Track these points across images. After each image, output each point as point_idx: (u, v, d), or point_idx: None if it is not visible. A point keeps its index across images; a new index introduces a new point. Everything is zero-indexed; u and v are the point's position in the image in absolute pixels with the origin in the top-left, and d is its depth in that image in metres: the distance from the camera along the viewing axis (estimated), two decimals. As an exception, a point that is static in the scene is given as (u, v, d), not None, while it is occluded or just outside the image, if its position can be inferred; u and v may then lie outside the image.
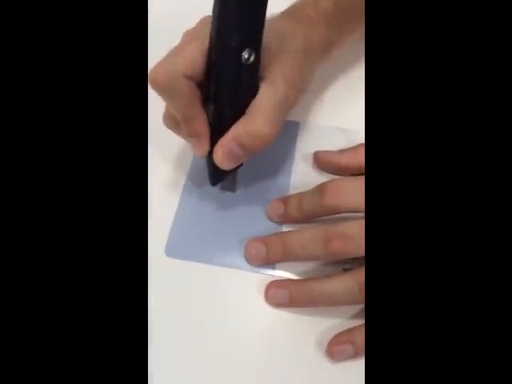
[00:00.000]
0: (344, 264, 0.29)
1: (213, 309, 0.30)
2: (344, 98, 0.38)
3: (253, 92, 0.28)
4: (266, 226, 0.32)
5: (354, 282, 0.27)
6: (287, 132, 0.36)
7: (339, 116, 0.37)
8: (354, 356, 0.27)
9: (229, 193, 0.34)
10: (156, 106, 0.30)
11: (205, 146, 0.29)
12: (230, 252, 0.31)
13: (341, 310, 0.29)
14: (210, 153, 0.29)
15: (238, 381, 0.27)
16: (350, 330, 0.28)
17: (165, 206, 0.33)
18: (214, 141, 0.28)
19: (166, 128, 0.31)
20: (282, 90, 0.28)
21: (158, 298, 0.30)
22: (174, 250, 0.32)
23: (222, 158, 0.28)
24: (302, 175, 0.35)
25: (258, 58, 0.27)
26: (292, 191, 0.33)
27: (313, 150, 0.35)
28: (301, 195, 0.31)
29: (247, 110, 0.28)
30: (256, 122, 0.27)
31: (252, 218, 0.33)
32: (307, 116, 0.37)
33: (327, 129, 0.37)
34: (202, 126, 0.28)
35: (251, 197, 0.34)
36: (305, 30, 0.31)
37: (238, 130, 0.28)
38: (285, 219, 0.32)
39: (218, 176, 0.31)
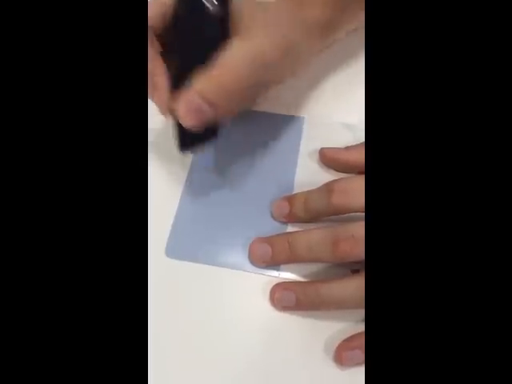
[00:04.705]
0: (352, 265, 0.28)
1: (215, 311, 0.29)
2: (351, 93, 0.37)
3: (220, 46, 0.25)
4: (270, 225, 0.31)
5: (364, 285, 0.26)
6: (292, 128, 0.35)
7: (345, 111, 0.36)
8: (364, 362, 0.26)
9: (232, 191, 0.32)
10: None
11: (163, 100, 0.27)
12: (233, 252, 0.30)
13: (349, 313, 0.28)
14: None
15: (242, 386, 0.27)
16: (360, 335, 0.27)
17: (165, 206, 0.32)
18: (176, 97, 0.26)
19: (166, 127, 0.29)
20: (259, 45, 0.26)
21: (158, 299, 0.29)
22: (174, 250, 0.31)
23: (184, 114, 0.25)
24: (307, 172, 0.33)
25: (225, 8, 0.25)
26: (297, 189, 0.32)
27: (318, 147, 0.34)
28: (307, 194, 0.30)
29: (214, 62, 0.25)
30: (221, 73, 0.25)
31: (255, 216, 0.32)
32: (312, 111, 0.36)
33: (333, 125, 0.35)
34: (160, 77, 0.26)
35: (254, 195, 0.32)
36: (291, 6, 0.28)
37: (201, 82, 0.25)
38: (290, 219, 0.31)
39: (186, 141, 0.28)
